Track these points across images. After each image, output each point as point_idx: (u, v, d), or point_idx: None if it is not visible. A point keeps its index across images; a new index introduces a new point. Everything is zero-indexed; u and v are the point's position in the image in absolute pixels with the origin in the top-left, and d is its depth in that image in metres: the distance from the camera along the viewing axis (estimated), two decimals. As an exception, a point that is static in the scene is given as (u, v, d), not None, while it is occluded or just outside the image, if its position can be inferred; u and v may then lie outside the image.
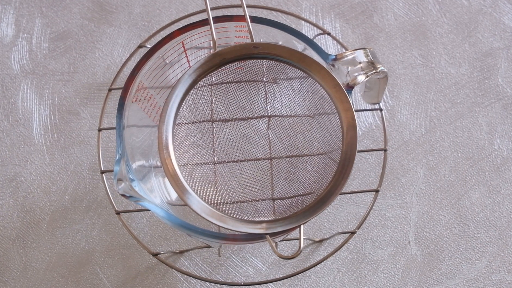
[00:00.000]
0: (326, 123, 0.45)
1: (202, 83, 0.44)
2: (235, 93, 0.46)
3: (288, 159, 0.47)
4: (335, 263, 0.57)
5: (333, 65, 0.45)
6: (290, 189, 0.45)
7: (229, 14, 0.52)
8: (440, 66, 0.64)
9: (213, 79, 0.45)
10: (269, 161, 0.47)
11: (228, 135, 0.46)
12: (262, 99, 0.47)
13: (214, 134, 0.46)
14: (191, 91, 0.44)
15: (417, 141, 0.61)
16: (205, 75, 0.44)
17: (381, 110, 0.52)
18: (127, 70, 0.59)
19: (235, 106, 0.46)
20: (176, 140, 0.43)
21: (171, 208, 0.51)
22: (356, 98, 0.62)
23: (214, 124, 0.46)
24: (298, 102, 0.46)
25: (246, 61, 0.45)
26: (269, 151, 0.47)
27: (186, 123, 0.44)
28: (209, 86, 0.45)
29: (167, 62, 0.47)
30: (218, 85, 0.45)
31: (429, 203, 0.59)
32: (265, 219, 0.42)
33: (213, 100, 0.46)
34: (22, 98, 0.62)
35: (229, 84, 0.46)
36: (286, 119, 0.47)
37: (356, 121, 0.43)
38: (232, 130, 0.46)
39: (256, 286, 0.55)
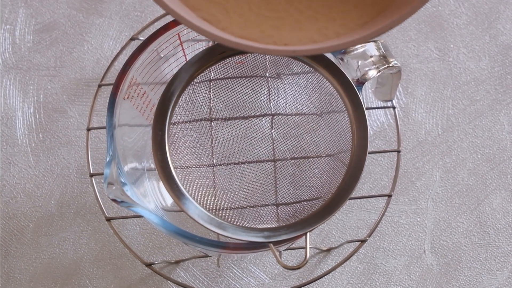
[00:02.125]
0: (334, 122, 0.45)
1: (200, 79, 0.44)
2: (236, 89, 0.46)
3: (293, 161, 0.47)
4: (344, 274, 0.57)
5: (342, 59, 0.45)
6: (295, 193, 0.45)
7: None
8: (458, 60, 0.64)
9: (212, 74, 0.45)
10: (273, 163, 0.47)
11: (228, 135, 0.47)
12: (265, 96, 0.47)
13: (213, 134, 0.46)
14: (188, 87, 0.44)
15: (433, 142, 0.61)
16: (203, 70, 0.44)
17: (394, 108, 0.52)
18: (119, 65, 0.59)
19: (235, 104, 0.46)
20: (171, 141, 0.43)
21: (166, 214, 0.51)
22: (367, 95, 0.62)
23: (213, 123, 0.47)
24: (304, 99, 0.46)
25: (248, 54, 0.45)
26: (272, 152, 0.47)
27: (182, 122, 0.44)
28: (208, 82, 0.45)
29: (162, 55, 0.47)
30: (217, 81, 0.46)
31: (446, 209, 0.59)
32: (268, 226, 0.42)
33: (211, 97, 0.46)
34: (4, 95, 0.62)
35: (229, 79, 0.46)
36: (291, 118, 0.47)
37: (367, 120, 0.43)
38: (232, 130, 0.46)
39: (258, 299, 0.55)
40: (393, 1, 0.29)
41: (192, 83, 0.44)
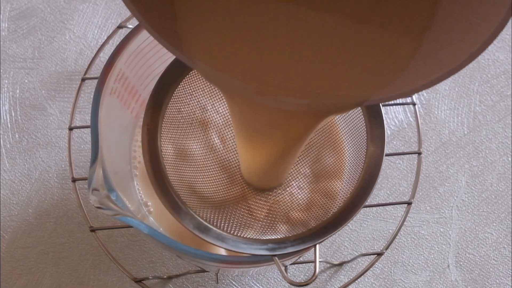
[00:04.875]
0: (346, 120, 0.45)
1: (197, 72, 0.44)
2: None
3: (300, 163, 0.47)
4: (358, 291, 0.57)
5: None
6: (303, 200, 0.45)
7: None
8: (486, 51, 0.64)
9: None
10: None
11: (228, 134, 0.47)
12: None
13: (211, 133, 0.46)
14: (183, 80, 0.44)
15: (458, 143, 0.61)
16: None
17: (414, 104, 0.52)
18: (104, 56, 0.59)
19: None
20: (164, 141, 0.43)
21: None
22: (384, 90, 0.62)
23: (211, 121, 0.47)
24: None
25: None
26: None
27: (176, 120, 0.45)
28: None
29: (153, 45, 0.47)
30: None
31: (472, 218, 0.59)
32: (273, 237, 0.42)
33: (211, 91, 0.46)
34: (-24, 90, 0.62)
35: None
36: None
37: (384, 118, 0.43)
38: (232, 128, 0.47)
39: (261, 319, 0.55)
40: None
41: (188, 75, 0.44)
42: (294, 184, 0.46)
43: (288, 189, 0.46)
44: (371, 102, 0.30)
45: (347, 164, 0.45)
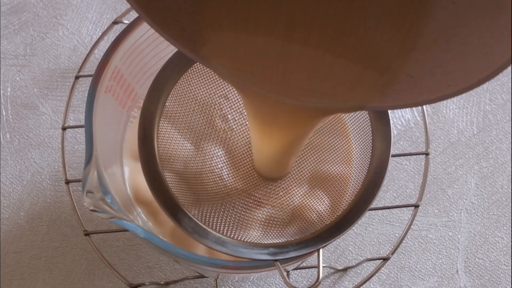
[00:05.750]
0: (351, 120, 0.45)
1: (197, 67, 0.44)
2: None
3: (304, 165, 0.47)
4: (363, 297, 0.57)
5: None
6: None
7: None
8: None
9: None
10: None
11: (229, 132, 0.47)
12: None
13: (212, 134, 0.46)
14: (182, 77, 0.44)
15: (468, 143, 0.61)
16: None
17: (421, 103, 0.52)
18: (99, 53, 0.59)
19: (236, 96, 0.47)
20: (161, 141, 0.43)
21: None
22: (390, 88, 0.62)
23: (212, 121, 0.47)
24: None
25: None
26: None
27: (174, 119, 0.45)
28: (207, 71, 0.45)
29: (150, 41, 0.47)
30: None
31: (482, 222, 0.59)
32: (274, 241, 0.42)
33: (212, 88, 0.46)
34: (-35, 88, 0.62)
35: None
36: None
37: (390, 117, 0.43)
38: (233, 127, 0.47)
39: (262, 327, 0.55)
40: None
41: (187, 72, 0.44)
42: (299, 184, 0.46)
43: (291, 187, 0.46)
44: (375, 108, 0.33)
45: (354, 164, 0.45)
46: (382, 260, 0.51)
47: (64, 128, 0.51)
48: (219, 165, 0.46)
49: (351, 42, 0.29)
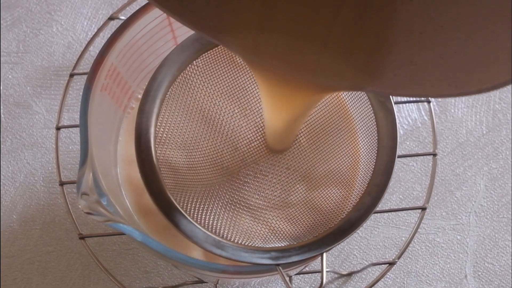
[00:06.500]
0: (356, 119, 0.45)
1: (194, 66, 0.44)
2: (239, 79, 0.46)
3: (306, 165, 0.47)
4: (368, 303, 0.57)
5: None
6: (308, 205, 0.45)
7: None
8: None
9: (209, 60, 0.45)
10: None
11: (229, 133, 0.47)
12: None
13: (210, 133, 0.46)
14: (179, 76, 0.44)
15: (476, 143, 0.61)
16: (198, 56, 0.44)
17: (428, 102, 0.52)
18: (94, 50, 0.59)
19: (238, 96, 0.47)
20: (158, 140, 0.43)
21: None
22: (396, 86, 0.62)
23: (209, 120, 0.47)
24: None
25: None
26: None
27: (173, 118, 0.45)
28: (204, 69, 0.45)
29: (147, 38, 0.47)
30: (216, 68, 0.46)
31: (492, 225, 0.59)
32: (276, 245, 0.42)
33: (209, 87, 0.46)
34: (-44, 87, 0.62)
35: (230, 67, 0.46)
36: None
37: (396, 116, 0.43)
38: (233, 127, 0.47)
39: (263, 334, 0.55)
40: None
41: (184, 71, 0.44)
42: (302, 186, 0.46)
43: (294, 188, 0.46)
44: (377, 91, 0.37)
45: (360, 165, 0.45)
46: (388, 265, 0.51)
47: (58, 128, 0.51)
48: (219, 166, 0.46)
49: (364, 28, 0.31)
